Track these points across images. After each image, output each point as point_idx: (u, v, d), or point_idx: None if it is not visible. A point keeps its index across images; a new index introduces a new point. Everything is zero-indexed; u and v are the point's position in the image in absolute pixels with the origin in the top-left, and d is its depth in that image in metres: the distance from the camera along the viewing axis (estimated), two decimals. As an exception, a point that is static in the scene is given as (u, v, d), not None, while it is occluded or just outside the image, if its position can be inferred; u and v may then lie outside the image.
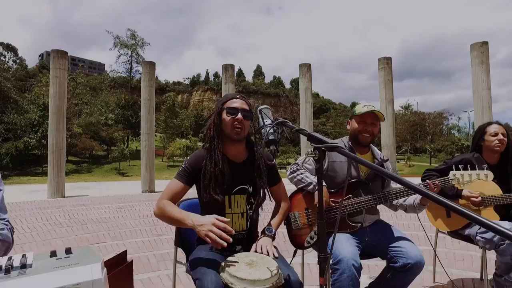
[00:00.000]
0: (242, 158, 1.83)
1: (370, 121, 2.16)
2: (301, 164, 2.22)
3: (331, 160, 2.20)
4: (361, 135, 2.16)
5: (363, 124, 2.16)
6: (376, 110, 2.16)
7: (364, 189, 2.14)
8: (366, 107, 2.17)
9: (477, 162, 2.51)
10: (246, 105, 1.77)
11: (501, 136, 2.46)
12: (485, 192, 2.44)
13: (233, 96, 1.79)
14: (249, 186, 1.80)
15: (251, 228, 1.82)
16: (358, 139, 2.18)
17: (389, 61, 10.87)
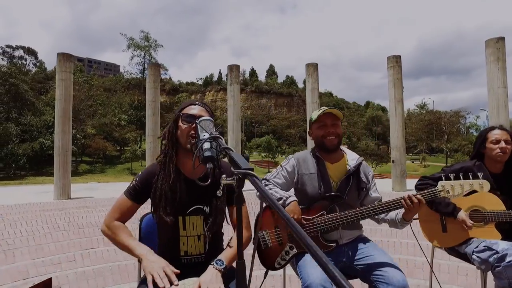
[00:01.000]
0: (199, 174, 1.64)
1: (330, 123, 1.98)
2: (271, 179, 2.06)
3: (300, 172, 2.03)
4: (326, 139, 1.98)
5: (324, 128, 1.98)
6: (332, 108, 1.98)
7: (340, 203, 1.95)
8: (321, 110, 1.99)
9: (478, 171, 2.27)
10: (206, 112, 1.61)
11: (503, 144, 2.20)
12: (486, 207, 2.21)
13: (191, 103, 1.64)
14: (206, 206, 1.62)
15: (211, 252, 1.64)
16: (325, 146, 1.99)
17: (399, 60, 10.50)
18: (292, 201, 1.87)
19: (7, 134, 27.64)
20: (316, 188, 1.96)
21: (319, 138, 1.99)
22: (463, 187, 1.78)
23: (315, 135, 2.03)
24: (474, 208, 2.27)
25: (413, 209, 1.79)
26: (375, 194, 2.05)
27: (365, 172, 2.05)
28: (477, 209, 2.25)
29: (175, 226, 1.57)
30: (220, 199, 1.62)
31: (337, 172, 2.00)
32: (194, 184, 1.61)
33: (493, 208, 2.17)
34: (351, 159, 2.04)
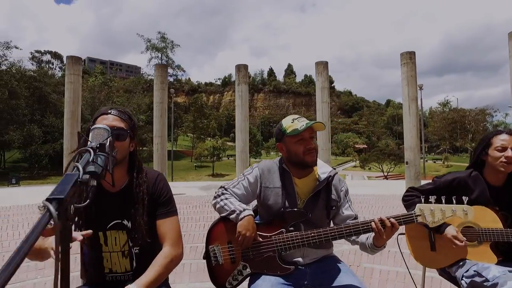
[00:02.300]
0: (119, 186, 1.49)
1: (308, 135, 1.70)
2: (229, 188, 1.83)
3: (264, 185, 1.79)
4: (307, 156, 1.69)
5: (303, 143, 1.69)
6: (316, 122, 1.69)
7: (304, 221, 1.70)
8: (300, 122, 1.70)
9: (474, 183, 1.96)
10: (120, 121, 1.43)
11: (509, 153, 1.84)
12: (481, 224, 1.90)
13: (104, 111, 1.46)
14: (127, 221, 1.48)
15: (140, 269, 1.46)
16: (306, 162, 1.71)
17: (413, 56, 9.98)
18: (247, 216, 1.64)
19: (31, 135, 28.68)
20: (279, 205, 1.73)
21: (299, 154, 1.70)
22: (445, 212, 1.51)
23: (291, 151, 1.73)
24: (467, 225, 1.96)
25: (385, 235, 1.54)
26: (348, 212, 1.79)
27: (337, 188, 1.79)
28: (471, 226, 1.94)
29: (96, 242, 1.47)
30: (139, 212, 1.46)
31: (304, 188, 1.76)
32: (114, 198, 1.48)
33: (488, 225, 1.86)
34: (322, 172, 1.78)
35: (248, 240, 1.61)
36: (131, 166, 1.54)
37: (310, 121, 1.70)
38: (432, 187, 2.05)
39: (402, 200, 2.15)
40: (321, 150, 10.78)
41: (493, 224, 1.85)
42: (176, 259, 1.50)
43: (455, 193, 2.00)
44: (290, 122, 1.73)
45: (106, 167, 1.02)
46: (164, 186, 1.58)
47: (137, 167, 1.53)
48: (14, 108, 29.08)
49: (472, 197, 1.93)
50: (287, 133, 1.70)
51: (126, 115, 1.48)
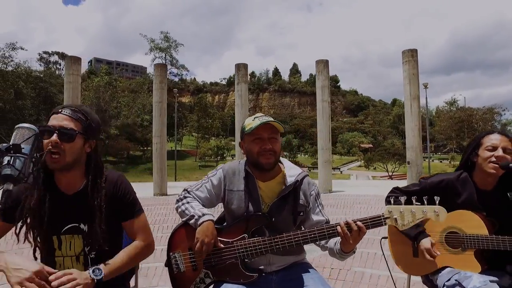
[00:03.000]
0: (77, 188, 1.43)
1: (267, 136, 1.60)
2: (192, 191, 1.74)
3: (228, 188, 1.70)
4: (262, 157, 1.60)
5: (260, 142, 1.60)
6: (272, 120, 1.61)
7: (268, 226, 1.61)
8: (258, 119, 1.61)
9: (462, 186, 1.84)
10: (70, 121, 1.36)
11: (500, 152, 1.71)
12: (465, 230, 1.78)
13: (55, 110, 1.39)
14: (84, 225, 1.42)
15: None
16: (260, 164, 1.62)
17: (414, 54, 9.78)
18: (206, 221, 1.56)
19: (36, 135, 28.93)
20: (243, 209, 1.64)
21: (253, 154, 1.62)
22: (415, 214, 1.40)
23: (248, 150, 1.66)
24: (452, 230, 1.84)
25: (352, 239, 1.44)
26: (319, 217, 1.68)
27: (306, 192, 1.69)
28: (455, 232, 1.82)
29: (49, 246, 1.42)
30: (96, 215, 1.40)
31: (269, 192, 1.67)
32: (69, 199, 1.42)
33: (473, 231, 1.74)
34: (289, 175, 1.68)
35: (207, 247, 1.53)
36: (88, 168, 1.46)
37: (268, 119, 1.60)
38: (417, 189, 1.94)
39: (385, 201, 2.04)
40: (321, 150, 10.66)
41: (478, 230, 1.72)
42: (147, 249, 1.51)
43: (442, 195, 1.89)
44: (252, 120, 1.65)
45: (29, 170, 0.94)
46: (126, 188, 1.52)
47: (95, 169, 1.46)
48: (20, 108, 29.39)
49: (459, 200, 1.82)
50: (246, 130, 1.63)
51: (80, 114, 1.40)
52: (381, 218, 1.44)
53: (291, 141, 42.89)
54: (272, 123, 1.60)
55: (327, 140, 10.53)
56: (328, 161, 10.56)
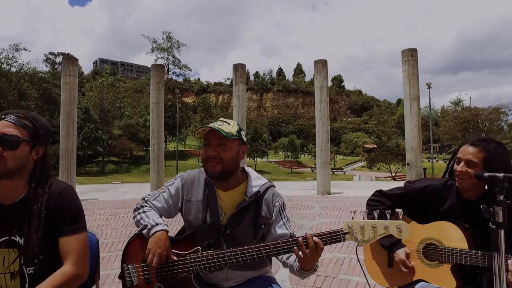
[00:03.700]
0: (16, 197, 1.34)
1: (215, 142, 1.50)
2: (149, 200, 1.65)
3: (186, 198, 1.61)
4: (207, 164, 1.51)
5: (207, 148, 1.51)
6: (217, 126, 1.49)
7: (227, 238, 1.51)
8: (211, 124, 1.52)
9: (447, 194, 1.74)
10: (14, 128, 1.28)
11: (459, 166, 1.63)
12: (444, 242, 1.66)
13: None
14: (19, 237, 1.32)
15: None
16: (206, 171, 1.54)
17: (414, 53, 9.62)
18: (158, 231, 1.47)
19: (39, 136, 29.13)
20: (200, 220, 1.55)
21: (203, 162, 1.54)
22: (376, 230, 1.29)
23: (201, 155, 1.60)
24: (430, 242, 1.73)
25: (307, 257, 1.35)
26: (282, 230, 1.57)
27: (269, 204, 1.58)
28: (433, 244, 1.71)
29: None
30: (33, 227, 1.30)
31: (230, 202, 1.57)
32: (7, 211, 1.33)
33: (453, 244, 1.63)
34: (252, 186, 1.58)
35: (158, 258, 1.44)
36: (33, 176, 1.38)
37: (215, 125, 1.50)
38: (401, 192, 1.84)
39: (366, 205, 1.93)
40: (319, 151, 10.53)
41: (458, 243, 1.61)
42: (76, 279, 1.35)
43: (426, 201, 1.79)
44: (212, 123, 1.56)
45: None
46: (70, 201, 1.40)
47: (39, 177, 1.37)
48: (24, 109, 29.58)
49: (443, 208, 1.72)
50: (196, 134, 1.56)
51: (27, 120, 1.32)
52: (339, 233, 1.34)
53: (294, 141, 42.66)
54: (216, 128, 1.48)
55: (326, 141, 10.40)
56: (326, 162, 10.42)
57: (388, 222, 1.28)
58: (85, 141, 30.61)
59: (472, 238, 1.64)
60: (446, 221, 1.66)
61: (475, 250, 1.61)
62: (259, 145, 39.51)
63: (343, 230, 1.34)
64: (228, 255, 1.43)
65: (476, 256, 1.54)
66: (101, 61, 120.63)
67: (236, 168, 1.61)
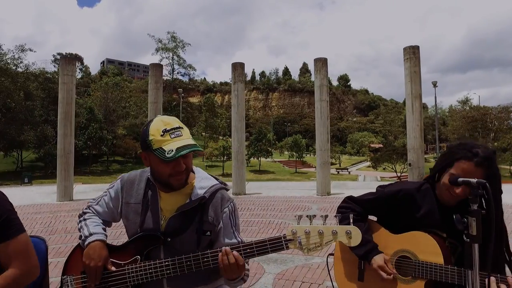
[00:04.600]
0: None
1: (183, 159, 1.34)
2: (92, 205, 1.53)
3: (125, 201, 1.47)
4: (173, 179, 1.36)
5: (171, 164, 1.32)
6: (195, 147, 1.32)
7: (166, 246, 1.37)
8: (171, 143, 1.30)
9: (422, 199, 1.57)
10: None
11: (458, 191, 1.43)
12: (418, 254, 1.50)
13: None
14: None
15: None
16: (171, 185, 1.39)
17: (416, 51, 9.37)
18: (93, 242, 1.36)
19: (44, 135, 29.37)
20: (137, 224, 1.41)
21: (163, 176, 1.36)
22: (323, 236, 1.13)
23: (155, 170, 1.39)
24: (403, 254, 1.56)
25: (229, 269, 1.25)
26: (230, 239, 1.42)
27: (217, 208, 1.42)
28: (407, 256, 1.54)
29: None
30: None
31: (173, 204, 1.42)
32: None
33: (427, 258, 1.46)
34: (199, 187, 1.43)
35: (92, 271, 1.32)
36: None
37: (185, 145, 1.30)
38: (372, 198, 1.68)
39: (337, 211, 1.78)
40: (319, 150, 10.34)
41: (432, 257, 1.44)
42: (22, 278, 1.26)
43: (400, 208, 1.62)
44: (160, 135, 1.33)
45: None
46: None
47: None
48: (29, 109, 29.86)
49: (419, 215, 1.55)
50: (153, 149, 1.32)
51: None
52: (281, 240, 1.20)
53: (299, 141, 42.40)
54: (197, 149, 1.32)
55: (326, 141, 10.20)
56: (326, 163, 10.23)
57: (336, 227, 1.13)
58: (90, 141, 30.79)
59: (450, 249, 1.47)
60: (420, 231, 1.49)
61: (455, 262, 1.45)
62: (263, 144, 39.31)
63: (286, 237, 1.19)
64: (165, 265, 1.29)
65: (452, 272, 1.37)
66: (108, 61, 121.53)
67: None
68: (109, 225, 1.57)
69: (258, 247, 1.22)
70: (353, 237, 1.10)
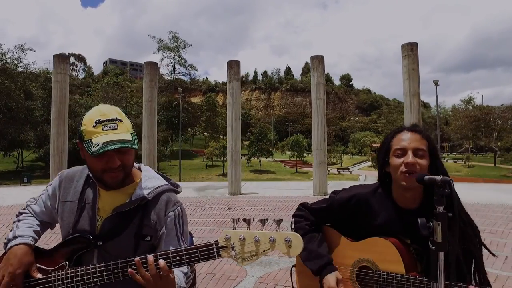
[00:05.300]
0: None
1: (113, 152, 1.17)
2: (30, 205, 1.39)
3: (61, 199, 1.33)
4: (107, 175, 1.20)
5: (104, 158, 1.17)
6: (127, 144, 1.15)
7: (100, 251, 1.23)
8: (102, 136, 1.15)
9: (379, 204, 1.39)
10: None
11: (410, 158, 1.25)
12: (379, 264, 1.33)
13: None
14: None
15: None
16: (105, 182, 1.23)
17: (414, 48, 9.18)
18: (15, 245, 1.21)
19: (45, 135, 29.36)
20: (71, 224, 1.27)
21: (96, 171, 1.22)
22: (259, 244, 0.97)
23: (88, 163, 1.24)
24: (364, 264, 1.38)
25: (150, 282, 1.07)
26: (174, 247, 1.26)
27: (160, 212, 1.27)
28: (368, 266, 1.37)
29: None
30: None
31: (111, 203, 1.27)
32: None
33: (387, 267, 1.29)
34: (143, 187, 1.28)
35: (7, 279, 1.17)
36: None
37: (115, 140, 1.14)
38: (324, 206, 1.51)
39: (291, 222, 1.62)
40: (315, 150, 10.17)
41: (393, 265, 1.27)
42: None
43: (355, 215, 1.44)
44: (92, 125, 1.17)
45: None
46: None
47: None
48: (30, 108, 29.85)
49: (377, 222, 1.37)
50: (83, 140, 1.18)
51: None
52: (212, 247, 1.03)
53: (299, 140, 42.17)
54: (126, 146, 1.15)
55: (322, 140, 10.04)
56: (323, 162, 10.06)
57: (275, 233, 0.96)
58: (89, 140, 30.77)
59: (416, 256, 1.30)
60: (380, 237, 1.32)
61: (421, 270, 1.28)
62: (264, 144, 39.13)
63: (218, 243, 1.02)
64: (92, 272, 1.14)
65: (414, 283, 1.20)
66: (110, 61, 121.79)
67: (133, 166, 1.33)
68: (51, 227, 1.43)
69: (188, 255, 1.06)
70: (293, 246, 0.94)
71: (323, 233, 1.51)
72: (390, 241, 1.28)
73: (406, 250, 1.28)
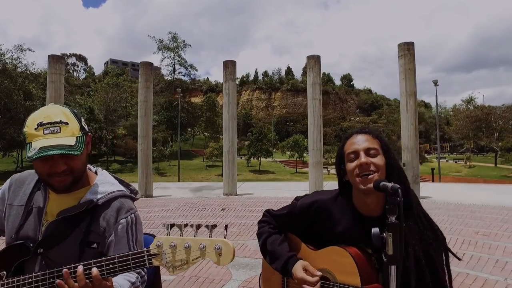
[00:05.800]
0: None
1: (57, 156, 1.11)
2: None
3: (9, 203, 1.27)
4: (52, 179, 1.15)
5: (48, 163, 1.12)
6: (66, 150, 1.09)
7: (44, 259, 1.18)
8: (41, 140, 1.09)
9: (340, 212, 1.33)
10: None
11: (362, 158, 1.20)
12: (336, 274, 1.25)
13: None
14: None
15: None
16: (52, 186, 1.18)
17: (411, 47, 9.09)
18: None
19: (44, 135, 29.41)
20: (14, 230, 1.22)
21: (42, 175, 1.17)
22: (190, 251, 0.91)
23: (34, 167, 1.19)
24: (324, 275, 1.31)
25: None
26: None
27: (110, 218, 1.22)
28: (327, 277, 1.30)
29: None
30: None
31: (60, 207, 1.22)
32: None
33: (344, 278, 1.22)
34: (96, 191, 1.23)
35: None
36: None
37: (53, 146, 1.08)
38: (285, 212, 1.45)
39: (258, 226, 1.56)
40: (311, 150, 10.10)
41: (349, 277, 1.20)
42: None
43: (316, 222, 1.37)
44: (34, 128, 1.12)
45: None
46: None
47: None
48: (29, 109, 29.89)
49: (338, 230, 1.31)
50: (26, 143, 1.13)
51: None
52: (144, 255, 0.97)
53: (299, 141, 42.08)
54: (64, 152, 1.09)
55: (318, 140, 9.97)
56: (319, 163, 9.99)
57: (205, 240, 0.91)
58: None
59: (377, 266, 1.23)
60: (338, 246, 1.25)
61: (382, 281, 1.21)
62: (263, 144, 39.06)
63: (149, 251, 0.96)
64: (28, 283, 1.07)
65: None
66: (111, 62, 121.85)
67: (85, 170, 1.27)
68: (1, 234, 1.37)
69: (120, 263, 1.00)
70: (223, 254, 0.88)
71: (286, 236, 1.45)
72: (348, 251, 1.21)
73: (367, 260, 1.21)
